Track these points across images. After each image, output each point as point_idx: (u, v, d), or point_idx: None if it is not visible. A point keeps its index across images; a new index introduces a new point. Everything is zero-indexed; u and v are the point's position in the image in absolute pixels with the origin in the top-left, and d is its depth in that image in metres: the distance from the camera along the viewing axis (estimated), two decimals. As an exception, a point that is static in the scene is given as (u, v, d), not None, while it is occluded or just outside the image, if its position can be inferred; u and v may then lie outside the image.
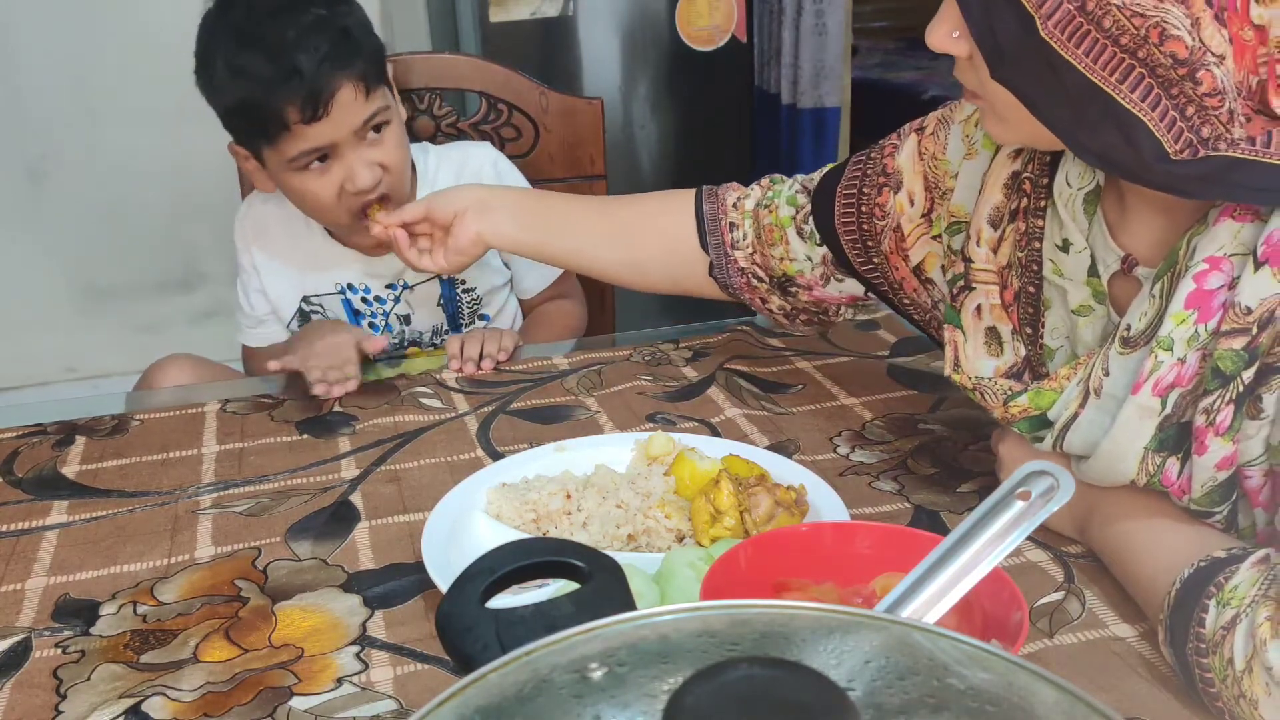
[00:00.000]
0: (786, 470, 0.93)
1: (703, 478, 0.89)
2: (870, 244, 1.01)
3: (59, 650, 0.78)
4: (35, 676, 0.75)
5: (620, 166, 2.74)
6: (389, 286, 1.40)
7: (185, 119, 2.89)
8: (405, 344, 1.44)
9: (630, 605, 0.44)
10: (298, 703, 0.71)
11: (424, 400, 1.17)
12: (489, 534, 0.88)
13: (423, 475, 1.01)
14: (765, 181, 1.12)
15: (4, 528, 0.95)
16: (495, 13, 2.73)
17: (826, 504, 0.88)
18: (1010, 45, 0.71)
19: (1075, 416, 0.79)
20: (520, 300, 1.51)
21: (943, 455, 1.01)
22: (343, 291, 1.40)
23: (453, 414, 1.13)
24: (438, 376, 1.23)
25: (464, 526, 0.88)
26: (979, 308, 0.89)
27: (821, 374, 1.19)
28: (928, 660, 0.35)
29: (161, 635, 0.79)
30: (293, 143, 1.22)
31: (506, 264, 1.46)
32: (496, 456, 1.03)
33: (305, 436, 1.10)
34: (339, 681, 0.73)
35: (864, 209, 1.01)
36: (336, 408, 1.16)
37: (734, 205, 1.11)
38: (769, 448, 1.00)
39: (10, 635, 0.80)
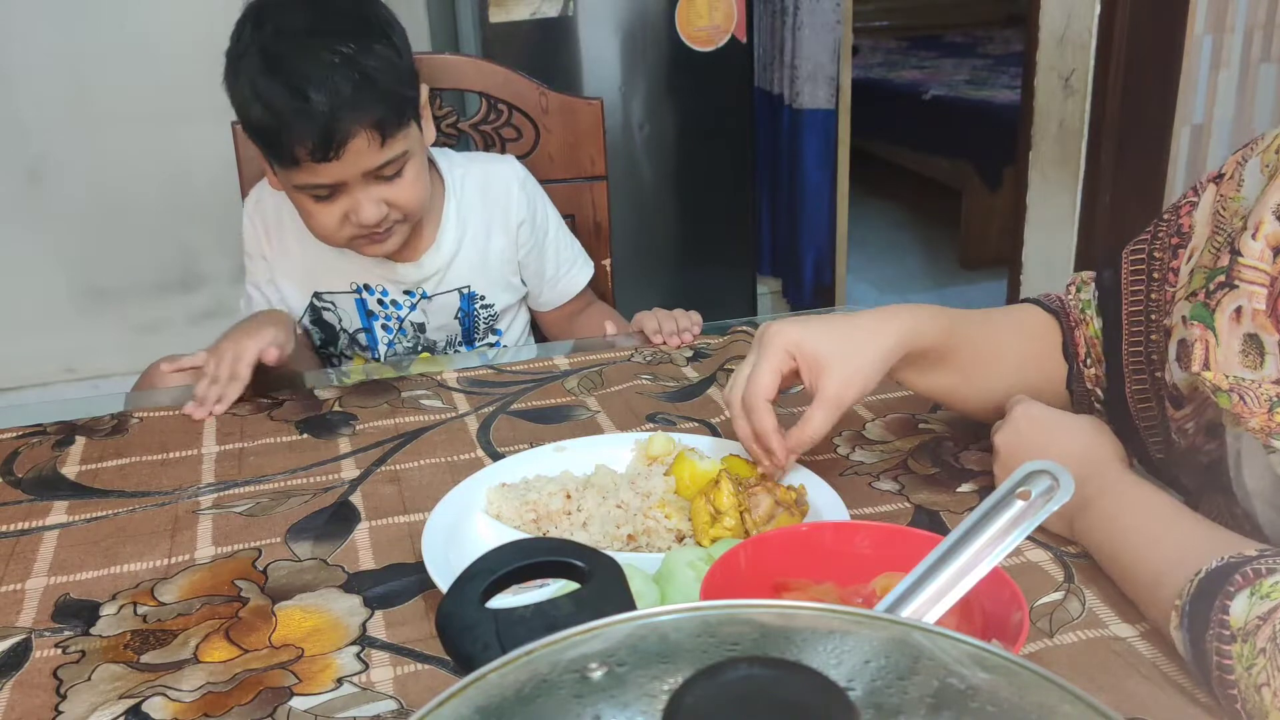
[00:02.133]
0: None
1: (703, 478, 0.89)
2: (1154, 317, 0.90)
3: (59, 650, 0.78)
4: (35, 677, 0.75)
5: (620, 166, 2.74)
6: (407, 293, 1.39)
7: (184, 120, 2.92)
8: (419, 349, 1.43)
9: (630, 605, 0.44)
10: (298, 703, 0.71)
11: (424, 401, 1.17)
12: (489, 534, 0.88)
13: (423, 475, 1.01)
14: (1073, 289, 1.00)
15: (4, 528, 0.95)
16: (495, 13, 2.73)
17: (826, 504, 0.88)
18: None
19: None
20: (540, 314, 1.51)
21: (943, 455, 1.01)
22: (358, 291, 1.39)
23: (453, 414, 1.13)
24: (438, 378, 1.23)
25: (464, 526, 0.88)
26: (1239, 310, 0.77)
27: (821, 374, 1.19)
28: (928, 660, 0.35)
29: (162, 635, 0.79)
30: (302, 175, 1.20)
31: (524, 281, 1.46)
32: (497, 457, 1.03)
33: (305, 436, 1.10)
34: (339, 682, 0.73)
35: (1155, 275, 0.90)
36: (336, 408, 1.16)
37: (1077, 319, 0.98)
38: (769, 448, 1.00)
39: (10, 635, 0.80)
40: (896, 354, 0.89)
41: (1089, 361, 0.97)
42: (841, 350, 0.87)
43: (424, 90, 1.31)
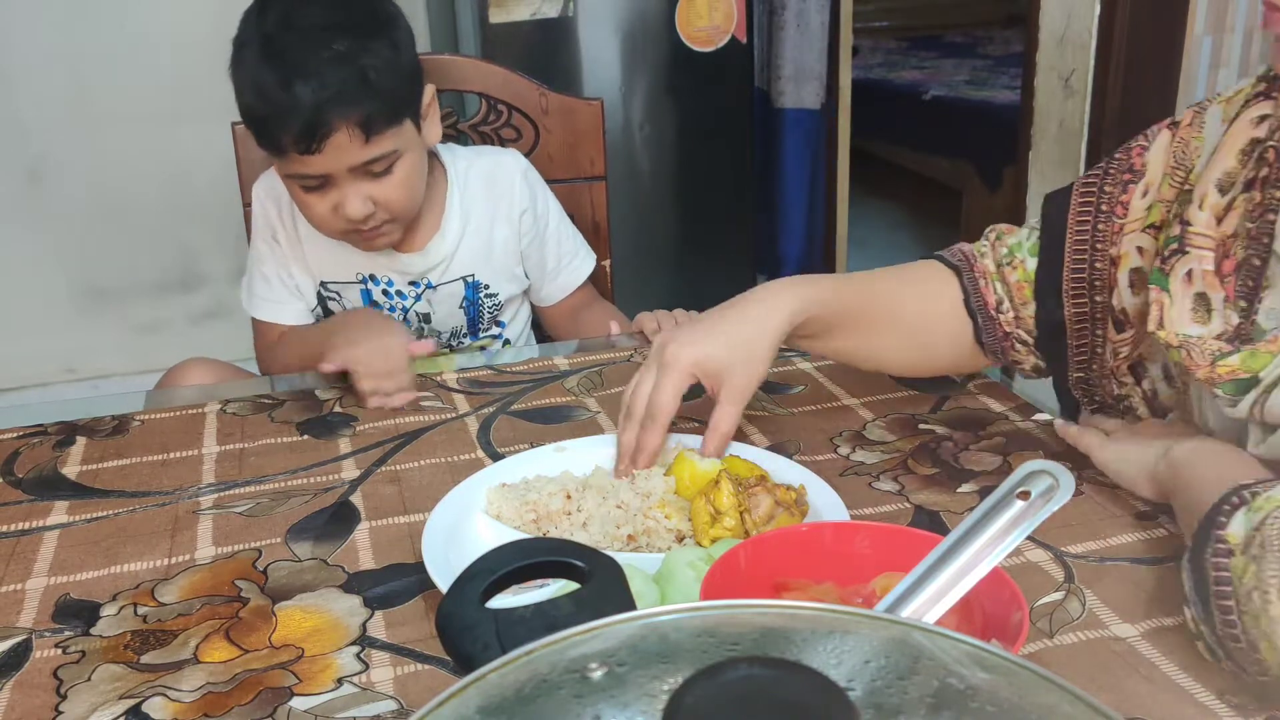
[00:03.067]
0: (786, 470, 0.93)
1: (703, 478, 0.89)
2: (1099, 246, 0.96)
3: (59, 650, 0.78)
4: (35, 677, 0.75)
5: (620, 167, 2.74)
6: (412, 283, 1.40)
7: (184, 120, 2.92)
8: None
9: (630, 605, 0.44)
10: (298, 703, 0.71)
11: (424, 401, 1.17)
12: (489, 534, 0.88)
13: (423, 476, 1.01)
14: (992, 237, 1.05)
15: (4, 528, 0.95)
16: (495, 13, 2.73)
17: (826, 504, 0.88)
18: None
19: None
20: (541, 308, 1.51)
21: (943, 455, 1.01)
22: (364, 282, 1.39)
23: (453, 414, 1.13)
24: (438, 378, 1.23)
25: (464, 527, 0.88)
26: (1190, 273, 0.86)
27: (822, 374, 1.19)
28: (928, 660, 0.35)
29: (162, 636, 0.79)
30: (290, 165, 1.23)
31: (527, 274, 1.46)
32: (497, 457, 1.03)
33: (305, 437, 1.10)
34: (339, 682, 0.73)
35: (1103, 208, 0.96)
36: (336, 408, 1.16)
37: (983, 270, 1.04)
38: (769, 448, 1.00)
39: (11, 636, 0.80)
40: (786, 330, 0.95)
41: (1004, 308, 1.02)
42: (739, 355, 0.94)
43: (429, 91, 1.31)
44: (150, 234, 3.06)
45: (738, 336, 0.95)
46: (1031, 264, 1.00)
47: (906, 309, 1.04)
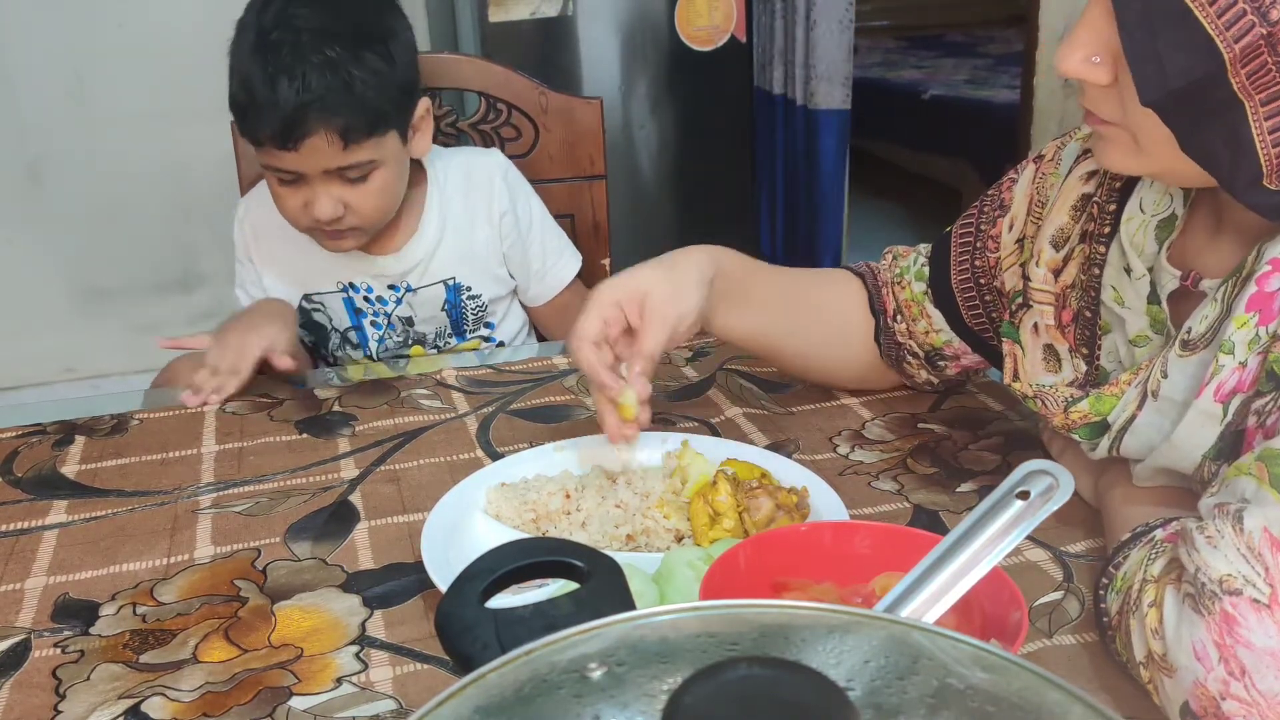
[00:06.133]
0: (786, 470, 0.93)
1: (702, 479, 0.89)
2: (983, 281, 1.00)
3: (58, 650, 0.78)
4: (34, 676, 0.75)
5: (620, 166, 2.74)
6: (391, 287, 1.40)
7: (184, 119, 2.92)
8: (410, 343, 1.44)
9: (630, 605, 0.44)
10: (297, 703, 0.71)
11: (424, 400, 1.17)
12: (489, 534, 0.88)
13: (422, 475, 1.01)
14: (889, 258, 1.09)
15: (3, 527, 0.95)
16: (495, 13, 2.73)
17: (826, 504, 0.88)
18: (1181, 76, 0.66)
19: (1133, 419, 0.78)
20: (531, 308, 1.51)
21: (942, 455, 1.01)
22: (345, 290, 1.40)
23: (452, 414, 1.13)
24: (437, 377, 1.23)
25: (464, 526, 0.88)
26: (1035, 325, 0.91)
27: (821, 374, 1.19)
28: (927, 660, 0.35)
29: (161, 635, 0.79)
30: (265, 157, 1.24)
31: (511, 274, 1.46)
32: (496, 456, 1.03)
33: (305, 436, 1.10)
34: (338, 681, 0.73)
35: (979, 244, 1.00)
36: (335, 407, 1.16)
37: (885, 280, 1.08)
38: (769, 447, 1.00)
39: (10, 635, 0.80)
40: (708, 272, 0.96)
41: (899, 318, 1.06)
42: (658, 275, 0.95)
43: (422, 104, 1.31)
44: (150, 234, 3.06)
45: (659, 263, 0.96)
46: (918, 286, 1.04)
47: (825, 300, 1.08)
